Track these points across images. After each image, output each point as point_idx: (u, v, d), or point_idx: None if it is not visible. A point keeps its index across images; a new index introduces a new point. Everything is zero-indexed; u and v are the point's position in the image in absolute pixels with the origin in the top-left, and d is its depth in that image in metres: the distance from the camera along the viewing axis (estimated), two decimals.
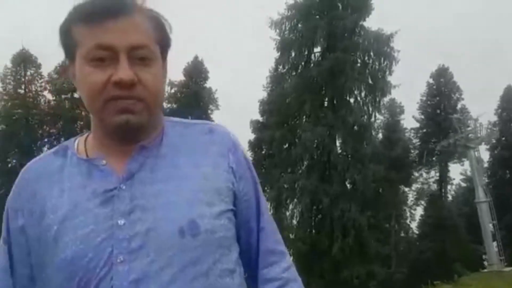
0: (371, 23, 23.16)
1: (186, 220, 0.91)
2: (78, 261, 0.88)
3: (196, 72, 28.92)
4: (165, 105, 29.03)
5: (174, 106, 28.56)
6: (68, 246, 0.89)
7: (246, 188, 1.03)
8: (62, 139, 27.15)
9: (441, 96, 30.97)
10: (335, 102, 23.09)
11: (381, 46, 22.78)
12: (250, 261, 1.04)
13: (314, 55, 23.65)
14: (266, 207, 1.10)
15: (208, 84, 29.47)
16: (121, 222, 0.90)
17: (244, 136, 28.73)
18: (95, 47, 0.89)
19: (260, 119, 27.79)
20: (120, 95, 0.89)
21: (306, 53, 23.53)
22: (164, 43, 0.97)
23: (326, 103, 23.43)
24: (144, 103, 0.91)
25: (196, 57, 29.23)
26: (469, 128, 22.99)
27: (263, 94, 27.33)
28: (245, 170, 1.04)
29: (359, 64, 23.20)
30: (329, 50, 22.48)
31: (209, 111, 28.93)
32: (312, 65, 23.28)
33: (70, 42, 0.93)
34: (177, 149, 0.99)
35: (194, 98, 28.37)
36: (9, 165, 25.50)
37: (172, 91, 28.63)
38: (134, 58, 0.90)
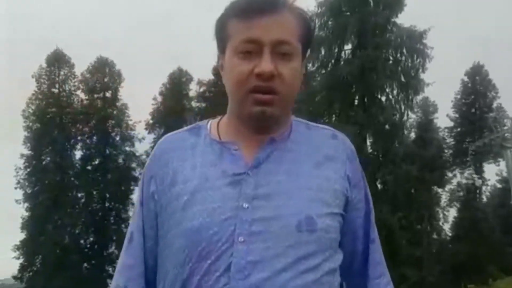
0: (404, 19, 22.62)
1: (304, 215, 0.97)
2: (203, 232, 0.96)
3: None
4: (194, 104, 29.47)
5: (203, 105, 28.76)
6: (196, 217, 0.97)
7: (359, 197, 1.08)
8: (95, 137, 27.78)
9: (476, 94, 30.08)
10: (365, 100, 22.69)
11: (414, 43, 22.22)
12: (350, 268, 1.08)
13: (345, 53, 23.30)
14: (374, 216, 1.14)
15: None
16: (245, 205, 0.97)
17: None
18: (245, 40, 0.98)
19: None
20: (260, 86, 0.97)
21: (336, 50, 23.19)
22: (306, 42, 1.04)
23: (356, 102, 23.06)
24: (280, 96, 0.99)
25: None
26: (505, 128, 22.25)
27: None
28: (359, 179, 1.09)
29: (391, 62, 22.71)
30: (360, 47, 22.10)
31: None
32: (342, 62, 22.93)
33: (223, 36, 1.03)
34: (302, 147, 1.06)
35: (223, 97, 28.21)
36: (43, 163, 26.27)
37: (201, 90, 28.86)
38: (277, 52, 0.98)
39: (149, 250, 1.06)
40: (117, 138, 28.32)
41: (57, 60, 26.80)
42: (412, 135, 27.63)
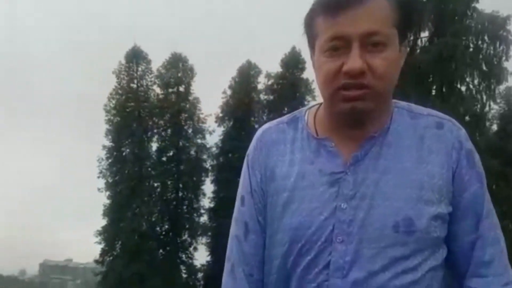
0: (485, 5, 21.13)
1: (402, 216, 0.95)
2: (303, 231, 0.99)
3: (293, 63, 28.88)
4: (262, 96, 29.72)
5: (271, 97, 28.90)
6: (295, 215, 1.00)
7: (465, 190, 1.01)
8: (169, 130, 28.94)
9: None
10: (443, 90, 21.52)
11: (496, 29, 20.70)
12: (456, 262, 1.04)
13: (421, 41, 22.21)
14: (490, 212, 1.04)
15: (305, 75, 29.31)
16: (343, 205, 0.97)
17: None
18: (330, 38, 0.95)
19: None
20: (350, 83, 0.94)
21: (412, 38, 22.19)
22: (404, 24, 0.98)
23: (434, 92, 21.95)
24: (373, 90, 0.95)
25: (293, 48, 29.18)
26: None
27: None
28: (467, 170, 1.02)
29: (471, 49, 21.33)
30: (438, 35, 20.97)
31: (306, 102, 28.77)
32: (418, 51, 21.91)
33: (311, 33, 1.01)
34: (402, 141, 1.01)
35: (291, 89, 28.42)
36: (123, 154, 27.77)
37: (269, 82, 28.99)
38: (367, 44, 0.93)
39: (262, 239, 1.08)
40: (190, 131, 29.26)
41: (135, 57, 28.09)
42: (494, 127, 25.91)
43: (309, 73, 29.00)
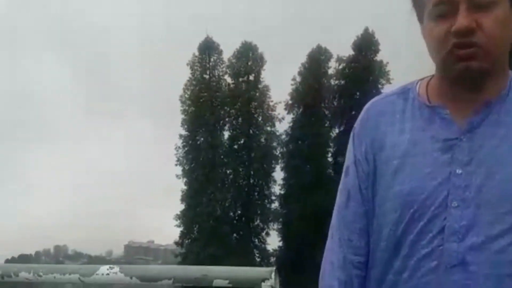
0: None
1: None
2: (415, 196, 0.99)
3: (366, 45, 28.00)
4: (332, 81, 29.17)
5: (342, 82, 28.34)
6: (406, 182, 1.00)
7: None
8: (240, 119, 29.58)
9: None
10: None
11: None
12: None
13: None
14: None
15: (378, 57, 28.35)
16: (458, 171, 0.97)
17: None
18: (436, 2, 0.96)
19: None
20: (460, 42, 0.93)
21: None
22: None
23: None
24: (484, 49, 0.93)
25: (366, 29, 28.27)
26: None
27: None
28: None
29: None
30: None
31: (379, 86, 27.89)
32: None
33: (419, 4, 1.03)
34: None
35: (363, 73, 27.62)
36: (198, 142, 28.88)
37: (340, 67, 28.40)
38: (475, 5, 0.93)
39: (365, 209, 1.09)
40: (260, 119, 29.61)
41: (208, 48, 28.84)
42: None
43: (383, 55, 28.02)
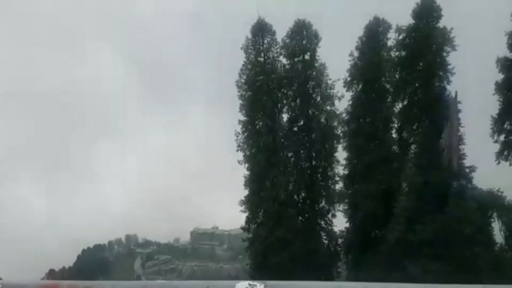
0: None
1: None
2: None
3: (427, 12, 26.28)
4: (392, 53, 27.76)
5: (403, 53, 26.91)
6: None
7: None
8: (298, 100, 29.05)
9: None
10: None
11: None
12: None
13: None
14: None
15: (441, 24, 26.51)
16: None
17: (488, 77, 25.11)
18: None
19: (510, 55, 23.66)
20: None
21: None
22: None
23: None
24: None
25: None
26: None
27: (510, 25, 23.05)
28: None
29: None
30: None
31: (444, 54, 26.14)
32: None
33: None
34: None
35: (426, 42, 25.98)
36: (257, 127, 28.78)
37: (400, 37, 26.94)
38: None
39: None
40: (318, 99, 29.00)
41: (260, 30, 28.53)
42: None
43: (447, 21, 26.21)
